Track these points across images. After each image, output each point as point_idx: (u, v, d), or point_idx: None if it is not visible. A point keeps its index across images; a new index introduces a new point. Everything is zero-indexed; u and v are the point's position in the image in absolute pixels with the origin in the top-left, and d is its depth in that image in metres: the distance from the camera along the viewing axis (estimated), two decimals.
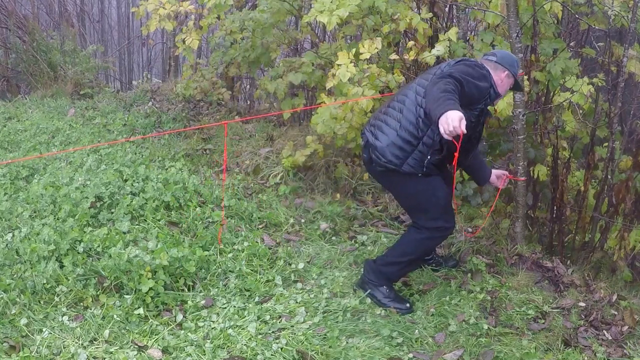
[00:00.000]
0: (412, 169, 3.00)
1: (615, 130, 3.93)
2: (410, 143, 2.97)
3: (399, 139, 2.98)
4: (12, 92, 8.50)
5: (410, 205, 3.24)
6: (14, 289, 2.94)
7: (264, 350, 2.68)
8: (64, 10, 11.14)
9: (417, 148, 2.97)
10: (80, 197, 3.91)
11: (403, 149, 2.98)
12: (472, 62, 2.97)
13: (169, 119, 6.44)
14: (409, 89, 3.08)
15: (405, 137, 2.97)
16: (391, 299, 3.12)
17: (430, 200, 3.08)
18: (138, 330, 2.79)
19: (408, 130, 2.97)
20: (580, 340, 2.84)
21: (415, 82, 3.09)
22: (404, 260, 3.18)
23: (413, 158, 2.98)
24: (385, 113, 3.10)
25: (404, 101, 3.04)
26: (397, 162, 2.99)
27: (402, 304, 3.11)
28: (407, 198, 3.20)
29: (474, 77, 2.84)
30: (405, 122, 2.98)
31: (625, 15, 3.83)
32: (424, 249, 3.23)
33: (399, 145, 2.98)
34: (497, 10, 3.87)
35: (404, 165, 2.99)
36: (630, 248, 3.85)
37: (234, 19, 5.43)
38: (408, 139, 2.97)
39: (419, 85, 3.03)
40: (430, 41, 4.51)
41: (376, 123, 3.10)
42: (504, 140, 4.22)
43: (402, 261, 3.17)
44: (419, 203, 3.12)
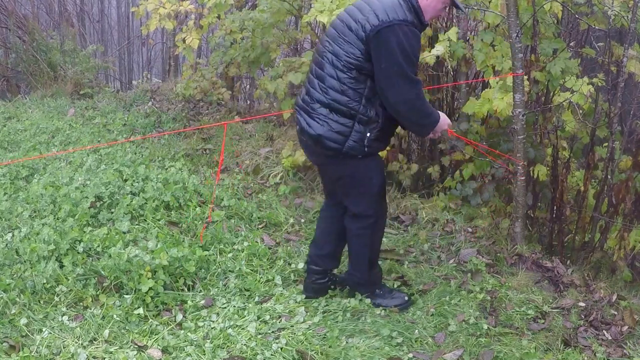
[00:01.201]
0: (353, 150, 2.81)
1: (615, 130, 3.93)
2: (345, 125, 2.78)
3: (334, 122, 2.78)
4: (12, 92, 8.50)
5: (345, 190, 3.01)
6: (14, 289, 2.94)
7: (264, 350, 2.68)
8: (63, 10, 11.14)
9: (354, 128, 2.79)
10: (80, 197, 3.91)
11: (340, 132, 2.79)
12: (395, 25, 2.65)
13: (168, 119, 6.44)
14: (325, 64, 2.80)
15: (339, 120, 2.78)
16: (389, 297, 3.12)
17: (365, 184, 2.94)
18: (138, 330, 2.79)
19: (340, 112, 2.78)
20: (580, 340, 2.84)
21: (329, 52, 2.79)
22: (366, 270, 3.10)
23: (352, 140, 2.79)
24: (310, 95, 2.86)
25: (324, 80, 2.79)
26: (337, 147, 2.80)
27: (400, 298, 3.12)
28: (342, 181, 2.98)
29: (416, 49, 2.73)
30: (335, 105, 2.78)
31: (625, 15, 3.83)
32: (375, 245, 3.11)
33: (336, 129, 2.78)
34: (497, 10, 3.87)
35: (344, 149, 2.80)
36: (630, 248, 3.85)
37: (234, 18, 5.43)
38: (342, 121, 2.78)
39: (335, 55, 2.76)
40: (430, 41, 4.51)
41: (305, 108, 2.88)
42: (503, 140, 4.22)
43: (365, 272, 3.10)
44: (353, 187, 2.95)
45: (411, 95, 2.72)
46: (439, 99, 4.80)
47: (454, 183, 4.40)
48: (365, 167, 2.90)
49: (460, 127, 4.36)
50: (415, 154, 4.98)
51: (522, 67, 3.56)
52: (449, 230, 3.97)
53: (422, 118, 2.83)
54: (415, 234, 3.95)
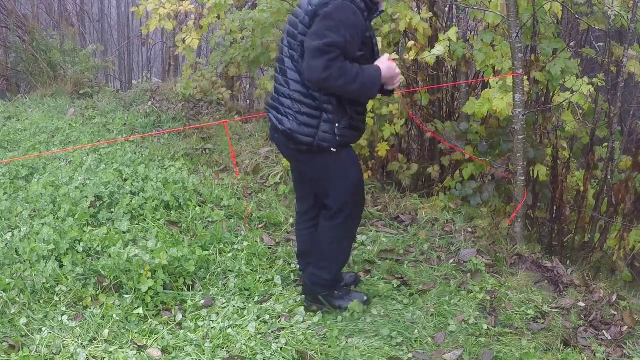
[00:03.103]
0: (325, 142, 2.72)
1: (615, 131, 3.93)
2: (313, 116, 2.70)
3: (302, 115, 2.71)
4: (11, 92, 8.51)
5: (322, 187, 2.91)
6: (14, 289, 2.94)
7: (264, 350, 2.68)
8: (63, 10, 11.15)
9: (322, 119, 2.70)
10: (79, 196, 3.91)
11: (309, 124, 2.71)
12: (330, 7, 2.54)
13: (168, 119, 6.44)
14: (285, 58, 2.76)
15: (306, 112, 2.70)
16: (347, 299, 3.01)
17: (341, 178, 2.83)
18: (137, 329, 2.79)
19: (305, 104, 2.70)
20: (580, 341, 2.84)
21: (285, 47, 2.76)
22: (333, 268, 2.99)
23: (322, 131, 2.71)
24: (278, 92, 2.81)
25: (286, 73, 2.75)
26: (308, 141, 2.72)
27: (358, 298, 3.01)
28: (318, 179, 2.89)
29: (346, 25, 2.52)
30: (298, 97, 2.71)
31: (625, 15, 3.83)
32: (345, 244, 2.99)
33: (305, 122, 2.71)
34: (497, 10, 3.87)
35: (316, 142, 2.71)
36: (629, 248, 3.85)
37: (234, 18, 5.43)
38: (309, 114, 2.70)
39: (291, 48, 2.72)
40: (430, 41, 4.51)
41: (275, 105, 2.82)
42: (503, 140, 4.22)
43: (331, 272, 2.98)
44: (330, 182, 2.85)
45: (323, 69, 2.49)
46: (439, 99, 4.80)
47: (453, 183, 4.40)
48: (339, 162, 2.81)
49: (461, 127, 4.37)
50: (415, 154, 4.98)
51: (522, 67, 3.56)
52: (449, 230, 3.97)
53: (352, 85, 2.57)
54: (415, 234, 3.95)
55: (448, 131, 4.38)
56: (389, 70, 2.67)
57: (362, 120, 2.89)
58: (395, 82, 2.75)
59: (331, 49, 2.49)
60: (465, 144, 4.31)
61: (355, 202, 2.91)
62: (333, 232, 2.92)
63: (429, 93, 4.61)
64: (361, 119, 2.87)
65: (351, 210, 2.89)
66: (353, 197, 2.88)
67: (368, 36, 2.70)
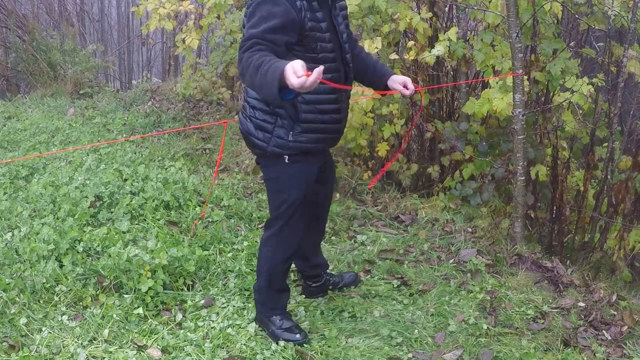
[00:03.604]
0: (279, 148, 2.54)
1: (615, 131, 3.93)
2: (267, 121, 2.54)
3: (257, 120, 2.56)
4: (11, 92, 8.52)
5: (268, 193, 2.74)
6: (14, 289, 2.94)
7: (264, 349, 2.68)
8: (63, 10, 11.16)
9: (276, 124, 2.53)
10: (79, 196, 3.91)
11: (263, 128, 2.55)
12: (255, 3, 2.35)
13: (168, 119, 6.44)
14: None
15: (261, 116, 2.56)
16: (283, 330, 2.76)
17: (282, 192, 2.63)
18: (137, 329, 2.78)
19: (259, 109, 2.56)
20: (580, 341, 2.84)
21: None
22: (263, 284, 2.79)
23: (276, 137, 2.53)
24: (244, 94, 2.70)
25: None
26: (262, 145, 2.56)
27: (293, 334, 2.74)
28: (267, 183, 2.73)
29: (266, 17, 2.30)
30: (253, 102, 2.58)
31: (625, 15, 3.83)
32: (276, 263, 2.75)
33: (260, 126, 2.56)
34: (497, 10, 3.88)
35: (269, 147, 2.55)
36: (629, 248, 3.86)
37: (234, 18, 5.43)
38: (264, 117, 2.55)
39: None
40: (430, 41, 4.52)
41: (242, 106, 2.70)
42: (503, 140, 4.22)
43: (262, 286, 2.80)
44: (274, 192, 2.68)
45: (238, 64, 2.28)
46: (439, 99, 4.80)
47: (453, 183, 4.41)
48: (289, 175, 2.61)
49: (460, 127, 4.37)
50: (415, 154, 4.98)
51: (522, 67, 3.56)
52: (449, 230, 3.97)
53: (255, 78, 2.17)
54: (415, 234, 3.95)
55: (448, 131, 4.38)
56: (289, 70, 2.04)
57: (324, 126, 2.57)
58: (295, 84, 2.02)
59: (245, 43, 2.25)
60: (465, 144, 4.32)
61: (290, 223, 2.67)
62: (265, 241, 2.77)
63: (429, 93, 4.61)
64: (325, 120, 2.56)
65: (286, 225, 2.67)
66: (289, 216, 2.66)
67: (310, 27, 2.39)
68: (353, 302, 3.10)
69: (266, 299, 2.82)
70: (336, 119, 2.61)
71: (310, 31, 2.39)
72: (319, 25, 2.43)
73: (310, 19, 2.39)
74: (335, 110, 2.58)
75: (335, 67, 2.51)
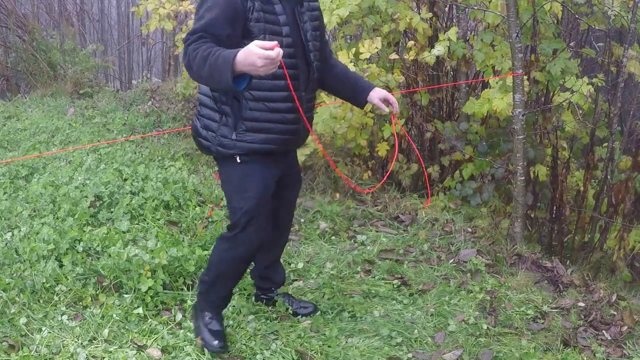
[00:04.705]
0: (224, 147, 2.41)
1: (614, 131, 3.93)
2: (213, 119, 2.43)
3: (204, 118, 2.47)
4: (11, 91, 8.52)
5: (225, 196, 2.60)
6: (14, 288, 2.94)
7: (263, 349, 2.67)
8: (63, 10, 11.16)
9: (222, 122, 2.40)
10: (79, 196, 3.91)
11: (209, 128, 2.44)
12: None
13: (168, 118, 6.44)
14: None
15: (206, 113, 2.45)
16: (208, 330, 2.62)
17: (236, 194, 2.48)
18: (137, 329, 2.78)
19: (206, 105, 2.46)
20: (580, 341, 2.84)
21: None
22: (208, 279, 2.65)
23: (221, 135, 2.41)
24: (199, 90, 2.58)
25: None
26: (208, 145, 2.46)
27: (213, 339, 2.59)
28: (222, 186, 2.58)
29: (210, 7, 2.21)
30: (201, 97, 2.49)
31: (625, 15, 3.83)
32: (227, 264, 2.61)
33: (205, 125, 2.46)
34: (497, 10, 3.88)
35: (214, 148, 2.43)
36: (629, 248, 3.86)
37: None
38: (209, 115, 2.44)
39: None
40: (430, 41, 4.52)
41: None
42: (503, 140, 4.22)
43: (206, 279, 2.65)
44: (226, 192, 2.54)
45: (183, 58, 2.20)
46: (439, 99, 4.80)
47: (453, 183, 4.41)
48: (242, 176, 2.46)
49: (460, 127, 4.37)
50: (415, 154, 4.98)
51: (522, 67, 3.56)
52: (449, 230, 3.97)
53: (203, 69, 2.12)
54: (415, 234, 3.95)
55: (448, 131, 4.38)
56: (247, 53, 1.99)
57: (278, 121, 2.41)
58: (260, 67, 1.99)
59: (190, 37, 2.19)
60: (465, 144, 4.32)
61: (246, 231, 2.49)
62: (220, 240, 2.64)
63: (429, 93, 4.61)
64: (275, 119, 2.40)
65: (241, 233, 2.50)
66: (243, 225, 2.48)
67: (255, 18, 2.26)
68: (353, 302, 3.10)
69: (206, 293, 2.68)
70: (290, 119, 2.42)
71: (256, 22, 2.26)
72: (275, 17, 2.32)
73: (260, 10, 2.27)
74: (288, 109, 2.40)
75: (293, 64, 2.38)
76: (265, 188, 2.48)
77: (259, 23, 2.27)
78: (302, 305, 3.00)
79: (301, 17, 2.44)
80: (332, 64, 2.70)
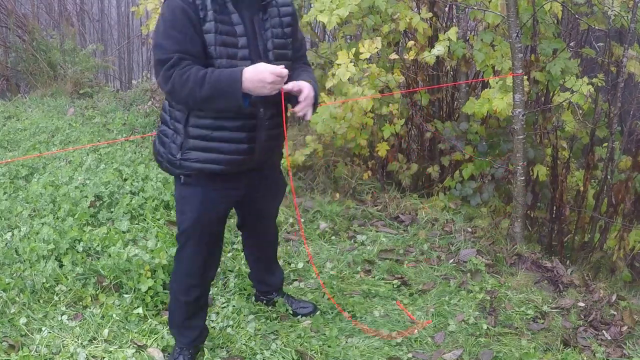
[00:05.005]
0: (171, 164, 2.31)
1: (614, 131, 3.93)
2: (166, 134, 2.33)
3: (160, 134, 2.38)
4: (11, 91, 8.52)
5: None
6: (14, 288, 2.94)
7: (263, 349, 2.67)
8: (63, 9, 11.15)
9: (172, 138, 2.30)
10: (79, 196, 3.91)
11: (163, 143, 2.34)
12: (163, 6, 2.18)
13: None
14: None
15: (162, 129, 2.36)
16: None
17: (179, 214, 2.42)
18: (137, 329, 2.78)
19: (163, 120, 2.36)
20: (580, 341, 2.84)
21: None
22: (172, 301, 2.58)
23: (170, 153, 2.30)
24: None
25: None
26: (160, 161, 2.37)
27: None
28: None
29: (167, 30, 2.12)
30: (161, 113, 2.40)
31: (625, 15, 3.83)
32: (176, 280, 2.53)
33: (161, 141, 2.36)
34: (497, 10, 3.87)
35: (164, 165, 2.35)
36: (629, 248, 3.85)
37: None
38: (164, 131, 2.34)
39: None
40: (430, 41, 4.51)
41: None
42: (503, 140, 4.22)
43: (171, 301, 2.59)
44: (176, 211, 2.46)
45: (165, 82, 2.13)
46: (439, 99, 4.80)
47: (453, 183, 4.40)
48: (183, 198, 2.38)
49: (460, 127, 4.37)
50: (415, 153, 4.98)
51: (522, 67, 3.56)
52: (449, 230, 3.97)
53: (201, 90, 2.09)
54: (414, 233, 3.95)
55: (448, 131, 4.38)
56: (257, 68, 2.09)
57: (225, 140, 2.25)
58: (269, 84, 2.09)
59: (167, 56, 2.10)
60: (465, 144, 4.32)
61: (184, 251, 2.45)
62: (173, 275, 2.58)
63: (429, 93, 4.61)
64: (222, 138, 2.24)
65: (182, 250, 2.46)
66: (184, 241, 2.44)
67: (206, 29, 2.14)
68: (353, 302, 3.10)
69: (170, 315, 2.60)
70: (240, 138, 2.25)
71: (208, 33, 2.14)
72: (231, 28, 2.18)
73: (212, 20, 2.15)
74: (238, 127, 2.24)
75: None
76: (206, 210, 2.36)
77: (210, 34, 2.14)
78: (302, 305, 3.00)
79: (261, 25, 2.28)
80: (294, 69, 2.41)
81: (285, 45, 2.34)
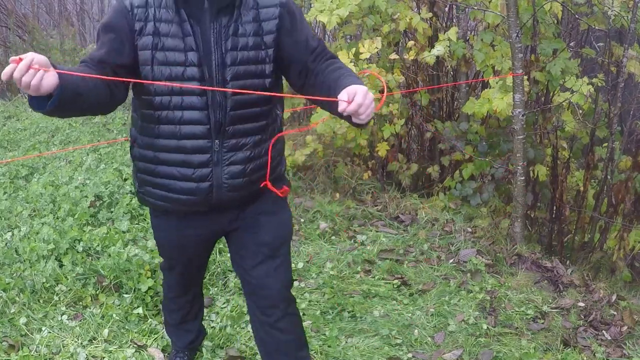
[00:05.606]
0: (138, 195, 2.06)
1: (614, 131, 3.93)
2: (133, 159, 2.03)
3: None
4: (11, 91, 8.51)
5: None
6: (14, 288, 2.94)
7: None
8: (63, 9, 11.14)
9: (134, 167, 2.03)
10: (79, 196, 3.91)
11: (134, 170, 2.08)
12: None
13: None
14: None
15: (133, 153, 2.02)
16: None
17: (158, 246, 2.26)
18: (137, 329, 2.78)
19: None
20: (580, 341, 2.84)
21: None
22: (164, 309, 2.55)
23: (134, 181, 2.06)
24: None
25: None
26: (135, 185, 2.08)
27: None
28: None
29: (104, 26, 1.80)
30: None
31: (625, 15, 3.83)
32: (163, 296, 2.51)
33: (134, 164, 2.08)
34: (497, 10, 3.87)
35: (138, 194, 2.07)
36: (629, 248, 3.85)
37: None
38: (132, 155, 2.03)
39: None
40: (430, 41, 4.51)
41: None
42: (503, 140, 4.22)
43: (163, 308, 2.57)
44: None
45: None
46: (439, 99, 4.80)
47: (453, 183, 4.40)
48: (152, 225, 2.18)
49: (460, 127, 4.37)
50: (415, 153, 4.98)
51: (522, 67, 3.56)
52: (449, 230, 3.97)
53: None
54: (414, 233, 3.95)
55: (448, 131, 4.38)
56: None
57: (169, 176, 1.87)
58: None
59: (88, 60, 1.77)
60: (465, 144, 4.31)
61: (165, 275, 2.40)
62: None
63: (429, 93, 4.61)
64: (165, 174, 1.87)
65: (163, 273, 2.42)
66: (162, 267, 2.36)
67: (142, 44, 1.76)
68: (353, 302, 3.10)
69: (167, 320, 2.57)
70: (187, 174, 1.84)
71: (141, 49, 1.75)
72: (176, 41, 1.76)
73: (151, 33, 1.75)
74: (182, 162, 1.83)
75: (199, 102, 1.78)
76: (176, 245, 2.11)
77: (146, 51, 1.75)
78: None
79: (218, 35, 1.78)
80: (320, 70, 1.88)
81: (256, 59, 1.82)
